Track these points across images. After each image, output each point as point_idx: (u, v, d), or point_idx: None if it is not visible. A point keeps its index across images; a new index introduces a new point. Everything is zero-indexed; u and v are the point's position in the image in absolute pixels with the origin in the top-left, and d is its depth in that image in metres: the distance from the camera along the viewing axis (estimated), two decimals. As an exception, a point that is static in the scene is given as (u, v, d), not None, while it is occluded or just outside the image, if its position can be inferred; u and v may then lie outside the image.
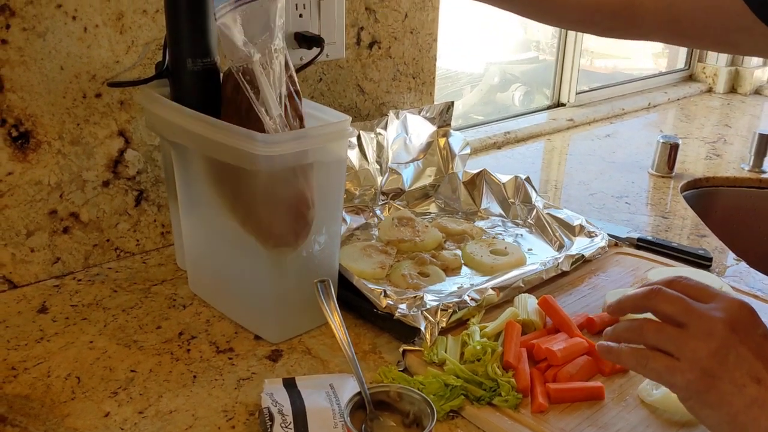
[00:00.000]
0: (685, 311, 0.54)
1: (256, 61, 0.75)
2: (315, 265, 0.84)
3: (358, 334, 0.87)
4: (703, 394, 0.52)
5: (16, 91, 0.87)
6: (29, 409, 0.72)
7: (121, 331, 0.86)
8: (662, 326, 0.55)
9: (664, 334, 0.54)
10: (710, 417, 0.53)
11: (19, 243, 0.93)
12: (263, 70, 0.75)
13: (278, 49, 0.76)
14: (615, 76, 2.20)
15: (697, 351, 0.52)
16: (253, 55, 0.75)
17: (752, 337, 0.52)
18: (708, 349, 0.52)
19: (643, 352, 0.56)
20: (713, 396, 0.52)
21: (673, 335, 0.54)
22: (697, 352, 0.52)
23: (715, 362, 0.51)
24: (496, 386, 0.73)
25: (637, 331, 0.57)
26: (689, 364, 0.52)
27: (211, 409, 0.73)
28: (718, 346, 0.52)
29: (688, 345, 0.52)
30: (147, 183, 1.03)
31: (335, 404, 0.70)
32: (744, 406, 0.50)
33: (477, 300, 0.87)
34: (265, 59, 0.75)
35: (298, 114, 0.80)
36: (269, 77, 0.75)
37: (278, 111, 0.76)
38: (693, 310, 0.54)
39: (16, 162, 0.90)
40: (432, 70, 1.42)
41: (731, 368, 0.51)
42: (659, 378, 0.55)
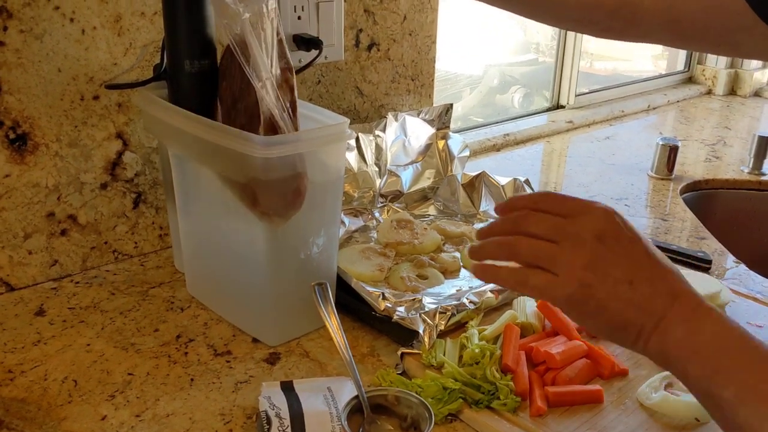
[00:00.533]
0: (554, 229, 0.56)
1: (246, 20, 0.72)
2: (313, 267, 0.84)
3: (357, 337, 0.86)
4: (583, 305, 0.54)
5: (13, 93, 0.87)
6: (26, 413, 0.72)
7: (119, 333, 0.86)
8: (536, 242, 0.56)
9: (540, 251, 0.55)
10: (593, 325, 0.55)
11: (17, 245, 0.93)
12: (253, 29, 0.72)
13: (270, 11, 0.74)
14: (614, 78, 2.20)
15: (572, 264, 0.54)
16: (243, 13, 0.72)
17: (620, 242, 0.54)
18: (581, 261, 0.54)
19: (522, 270, 0.56)
20: (592, 305, 0.54)
21: (548, 251, 0.55)
22: (571, 265, 0.54)
23: (589, 273, 0.53)
24: (495, 389, 0.73)
25: (510, 248, 0.57)
26: (566, 278, 0.54)
27: (209, 412, 0.73)
28: (589, 258, 0.54)
29: (563, 260, 0.54)
30: (145, 185, 1.02)
31: (333, 408, 0.70)
32: (620, 309, 0.53)
33: (476, 303, 0.87)
34: (256, 19, 0.72)
35: (289, 85, 0.77)
36: (260, 39, 0.73)
37: (268, 75, 0.73)
38: (562, 226, 0.55)
39: (14, 164, 0.90)
40: (431, 72, 1.42)
41: (604, 276, 0.53)
42: (541, 294, 0.56)
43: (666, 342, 0.52)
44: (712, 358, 0.51)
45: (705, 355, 0.51)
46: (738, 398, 0.49)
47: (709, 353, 0.51)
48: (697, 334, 0.52)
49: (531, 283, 0.56)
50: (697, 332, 0.52)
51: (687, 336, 0.52)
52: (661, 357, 0.54)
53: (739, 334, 0.51)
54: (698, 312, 0.53)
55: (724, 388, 0.49)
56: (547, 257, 0.55)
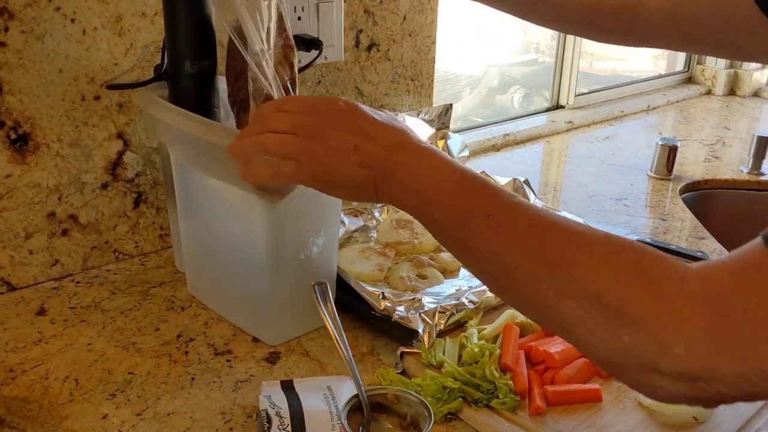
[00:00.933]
0: (291, 124, 0.62)
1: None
2: (313, 267, 0.84)
3: (356, 336, 0.87)
4: (327, 181, 0.62)
5: (14, 93, 0.88)
6: (27, 412, 0.72)
7: (120, 333, 0.86)
8: (280, 137, 0.63)
9: (284, 143, 0.62)
10: (341, 193, 0.64)
11: (18, 245, 0.93)
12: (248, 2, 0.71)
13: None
14: (614, 79, 2.20)
15: (309, 150, 0.61)
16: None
17: (346, 118, 0.62)
18: (316, 145, 0.61)
19: (274, 162, 0.64)
20: (335, 179, 0.61)
21: (290, 142, 0.62)
22: (309, 150, 0.61)
23: (323, 153, 0.61)
24: (494, 389, 0.73)
25: (262, 145, 0.64)
26: (307, 162, 0.62)
27: (209, 411, 0.73)
28: (322, 139, 0.61)
29: (302, 147, 0.61)
30: (146, 185, 1.03)
31: (333, 406, 0.70)
32: (354, 173, 0.60)
33: (475, 302, 0.87)
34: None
35: (289, 62, 0.76)
36: (255, 13, 0.72)
37: (261, 46, 0.72)
38: (299, 120, 0.62)
39: (15, 164, 0.90)
40: (431, 72, 1.42)
41: (336, 151, 0.61)
42: (293, 179, 0.63)
43: (392, 187, 0.60)
44: (425, 189, 0.58)
45: (420, 189, 0.58)
46: (444, 218, 0.57)
47: (422, 186, 0.58)
48: (415, 174, 0.58)
49: (282, 172, 0.63)
50: (415, 172, 0.59)
51: (407, 177, 0.59)
52: (394, 202, 0.61)
53: (450, 168, 0.58)
54: (418, 156, 0.59)
55: (435, 211, 0.57)
56: (290, 147, 0.62)
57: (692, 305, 0.44)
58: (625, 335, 0.45)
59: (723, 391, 0.43)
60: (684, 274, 0.46)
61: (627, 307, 0.46)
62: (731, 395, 0.44)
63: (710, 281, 0.44)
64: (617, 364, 0.47)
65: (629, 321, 0.45)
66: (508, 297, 0.57)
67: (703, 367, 0.43)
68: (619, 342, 0.46)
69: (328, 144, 0.61)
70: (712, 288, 0.44)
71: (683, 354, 0.43)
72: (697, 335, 0.43)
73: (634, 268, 0.47)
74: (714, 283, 0.44)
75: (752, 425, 0.73)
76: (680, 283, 0.45)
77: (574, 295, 0.48)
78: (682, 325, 0.43)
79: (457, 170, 0.58)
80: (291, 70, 0.77)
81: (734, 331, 0.42)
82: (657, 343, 0.44)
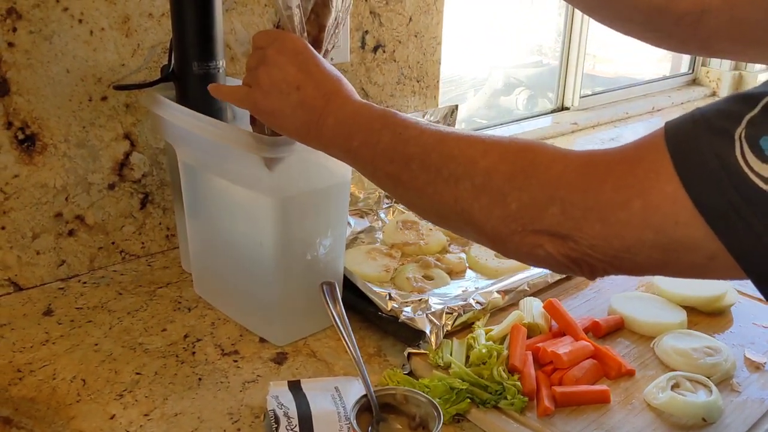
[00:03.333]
0: (256, 57, 0.68)
1: None
2: (320, 268, 0.84)
3: (363, 337, 0.87)
4: (269, 114, 0.68)
5: (22, 94, 0.88)
6: (35, 412, 0.72)
7: (127, 333, 0.86)
8: (250, 69, 0.69)
9: (249, 74, 0.69)
10: (282, 128, 0.68)
11: (25, 246, 0.93)
12: None
13: None
14: (619, 80, 2.20)
15: (257, 77, 0.67)
16: None
17: (294, 58, 0.66)
18: (263, 74, 0.66)
19: (236, 86, 0.72)
20: (275, 111, 0.67)
21: (252, 73, 0.68)
22: (257, 78, 0.67)
23: (267, 82, 0.66)
24: (502, 390, 0.73)
25: (252, 76, 0.69)
26: (255, 89, 0.67)
27: (217, 411, 0.73)
28: (270, 74, 0.66)
29: (259, 77, 0.67)
30: (152, 186, 1.03)
31: (341, 407, 0.70)
32: (293, 111, 0.66)
33: (482, 303, 0.87)
34: None
35: (320, 22, 0.75)
36: None
37: (297, 2, 0.72)
38: (261, 54, 0.67)
39: (22, 165, 0.90)
40: (436, 73, 1.42)
41: (280, 85, 0.66)
42: (239, 102, 0.71)
43: (324, 131, 0.64)
44: (347, 128, 0.63)
45: (344, 130, 0.63)
46: (360, 144, 0.62)
47: (346, 127, 0.63)
48: (342, 119, 0.64)
49: (234, 94, 0.71)
50: (342, 118, 0.64)
51: (336, 122, 0.64)
52: (323, 146, 0.66)
53: (369, 110, 0.63)
54: (347, 103, 0.64)
55: (353, 140, 0.63)
56: (251, 78, 0.68)
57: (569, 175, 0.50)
58: (512, 203, 0.52)
59: (589, 253, 0.49)
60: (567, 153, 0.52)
61: (516, 177, 0.52)
62: (597, 258, 0.49)
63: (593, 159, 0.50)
64: (505, 232, 0.52)
65: (517, 187, 0.52)
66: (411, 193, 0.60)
67: (572, 226, 0.49)
68: (507, 210, 0.52)
69: (272, 74, 0.66)
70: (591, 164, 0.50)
71: (558, 213, 0.49)
72: (570, 198, 0.49)
73: (523, 146, 0.54)
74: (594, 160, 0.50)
75: (761, 426, 0.72)
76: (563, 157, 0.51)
77: (469, 176, 0.54)
78: (559, 189, 0.49)
79: (377, 110, 0.63)
80: (319, 31, 0.76)
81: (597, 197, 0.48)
82: (537, 205, 0.50)
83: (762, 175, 0.41)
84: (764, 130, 0.42)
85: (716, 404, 0.72)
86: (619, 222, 0.47)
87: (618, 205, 0.47)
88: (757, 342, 0.86)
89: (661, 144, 0.46)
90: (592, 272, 0.52)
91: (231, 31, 1.04)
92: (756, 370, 0.81)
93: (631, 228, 0.46)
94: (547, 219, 0.50)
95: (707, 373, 0.77)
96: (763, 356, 0.83)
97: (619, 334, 0.87)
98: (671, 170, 0.44)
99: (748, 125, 0.42)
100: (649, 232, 0.46)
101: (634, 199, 0.46)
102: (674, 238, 0.45)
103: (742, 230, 0.43)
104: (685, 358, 0.79)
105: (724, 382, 0.78)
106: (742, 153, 0.42)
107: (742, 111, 0.43)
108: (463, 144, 0.56)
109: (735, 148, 0.42)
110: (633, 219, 0.46)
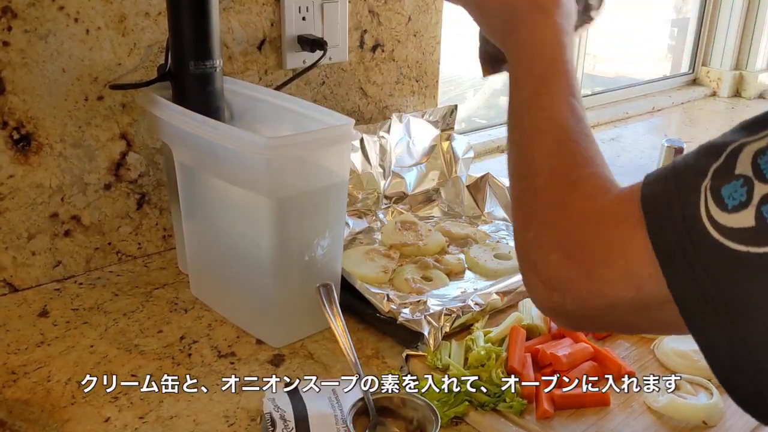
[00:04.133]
0: None
1: None
2: (318, 269, 0.84)
3: (361, 339, 0.86)
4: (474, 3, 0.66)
5: (17, 93, 0.87)
6: (29, 414, 0.71)
7: (122, 335, 0.85)
8: None
9: None
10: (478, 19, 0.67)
11: (20, 246, 0.92)
12: None
13: None
14: (619, 80, 2.20)
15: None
16: None
17: None
18: None
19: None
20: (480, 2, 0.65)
21: None
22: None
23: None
24: (501, 392, 0.72)
25: None
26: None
27: (213, 414, 0.72)
28: None
29: None
30: (149, 186, 1.02)
31: (338, 410, 0.69)
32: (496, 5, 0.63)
33: (481, 305, 0.87)
34: None
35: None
36: None
37: None
38: None
39: (18, 165, 0.89)
40: (435, 73, 1.42)
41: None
42: None
43: (513, 41, 0.61)
44: (527, 63, 0.59)
45: (526, 60, 0.59)
46: (527, 102, 0.57)
47: (529, 59, 0.59)
48: (531, 42, 0.60)
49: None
50: (532, 40, 0.59)
51: (524, 39, 0.60)
52: (509, 56, 0.61)
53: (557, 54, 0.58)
54: (545, 23, 0.60)
55: (523, 90, 0.58)
56: None
57: (578, 222, 0.49)
58: (531, 231, 0.52)
59: (570, 308, 0.49)
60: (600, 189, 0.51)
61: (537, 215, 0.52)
62: (578, 311, 0.49)
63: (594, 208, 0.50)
64: (522, 256, 0.53)
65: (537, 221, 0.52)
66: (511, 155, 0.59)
67: (564, 277, 0.49)
68: (528, 234, 0.52)
69: None
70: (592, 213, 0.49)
71: (556, 261, 0.49)
72: (567, 249, 0.49)
73: (569, 177, 0.53)
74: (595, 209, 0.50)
75: (761, 429, 0.72)
76: (589, 196, 0.50)
77: (529, 176, 0.54)
78: (564, 236, 0.49)
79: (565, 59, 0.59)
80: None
81: (587, 252, 0.48)
82: (542, 245, 0.50)
83: (720, 223, 0.42)
84: (726, 179, 0.42)
85: (717, 407, 0.71)
86: (602, 279, 0.47)
87: (602, 262, 0.47)
88: (758, 344, 0.85)
89: (637, 202, 0.46)
90: (572, 322, 0.52)
91: (228, 30, 1.04)
92: (757, 373, 0.80)
93: (612, 286, 0.47)
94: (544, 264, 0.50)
95: (708, 376, 0.76)
96: (764, 358, 0.82)
97: (619, 336, 0.86)
98: (644, 230, 0.45)
99: (713, 176, 0.43)
100: (630, 290, 0.46)
101: (617, 258, 0.46)
102: (648, 295, 0.46)
103: (682, 272, 0.43)
104: (685, 361, 0.79)
105: (725, 385, 0.77)
106: (706, 205, 0.43)
107: (708, 163, 0.44)
108: (546, 149, 0.55)
109: (700, 202, 0.43)
110: (615, 276, 0.47)
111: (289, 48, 1.12)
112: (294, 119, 0.87)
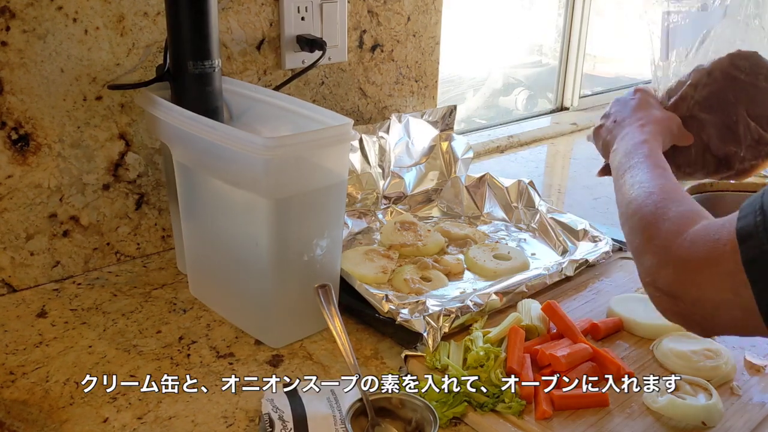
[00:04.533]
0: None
1: None
2: (316, 269, 0.84)
3: (360, 339, 0.86)
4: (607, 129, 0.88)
5: (16, 93, 0.87)
6: (27, 415, 0.71)
7: (121, 335, 0.85)
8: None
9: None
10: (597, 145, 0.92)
11: (19, 246, 0.92)
12: None
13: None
14: (618, 80, 2.19)
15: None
16: None
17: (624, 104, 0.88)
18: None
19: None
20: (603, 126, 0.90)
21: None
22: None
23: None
24: (500, 393, 0.72)
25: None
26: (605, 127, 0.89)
27: (211, 414, 0.72)
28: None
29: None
30: (148, 186, 1.02)
31: (336, 410, 0.69)
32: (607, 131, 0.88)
33: (480, 305, 0.86)
34: None
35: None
36: None
37: None
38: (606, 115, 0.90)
39: (16, 165, 0.89)
40: (435, 73, 1.42)
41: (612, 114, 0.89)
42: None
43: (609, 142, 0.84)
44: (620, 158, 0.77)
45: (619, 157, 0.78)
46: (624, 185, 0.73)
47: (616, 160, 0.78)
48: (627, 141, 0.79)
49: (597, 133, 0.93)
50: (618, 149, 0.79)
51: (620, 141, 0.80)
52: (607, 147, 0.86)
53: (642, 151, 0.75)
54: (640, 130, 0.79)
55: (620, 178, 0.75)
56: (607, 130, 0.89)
57: (683, 248, 0.60)
58: (647, 260, 0.63)
59: (690, 309, 0.59)
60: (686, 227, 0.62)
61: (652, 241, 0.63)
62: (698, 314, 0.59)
63: (696, 238, 0.60)
64: (645, 281, 0.64)
65: (651, 251, 0.63)
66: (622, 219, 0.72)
67: (678, 288, 0.60)
68: (647, 263, 0.63)
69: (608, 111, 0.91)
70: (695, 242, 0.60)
71: (670, 276, 0.60)
72: (680, 265, 0.59)
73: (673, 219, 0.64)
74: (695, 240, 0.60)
75: (761, 430, 0.72)
76: (683, 229, 0.61)
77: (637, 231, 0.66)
78: (672, 258, 0.60)
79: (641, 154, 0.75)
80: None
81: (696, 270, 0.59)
82: (659, 265, 0.61)
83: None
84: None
85: (716, 408, 0.71)
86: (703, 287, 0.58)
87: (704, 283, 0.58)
88: (758, 345, 0.85)
89: (734, 244, 0.55)
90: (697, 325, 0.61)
91: (227, 30, 1.04)
92: (756, 373, 0.80)
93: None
94: (661, 278, 0.61)
95: (707, 376, 0.76)
96: (763, 359, 0.82)
97: (618, 337, 0.86)
98: (743, 272, 0.54)
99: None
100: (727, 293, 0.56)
101: (724, 292, 0.56)
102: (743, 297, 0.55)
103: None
104: (684, 361, 0.78)
105: (724, 386, 0.77)
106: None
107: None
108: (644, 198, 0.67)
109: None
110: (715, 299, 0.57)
111: (288, 48, 1.12)
112: (293, 119, 0.87)
